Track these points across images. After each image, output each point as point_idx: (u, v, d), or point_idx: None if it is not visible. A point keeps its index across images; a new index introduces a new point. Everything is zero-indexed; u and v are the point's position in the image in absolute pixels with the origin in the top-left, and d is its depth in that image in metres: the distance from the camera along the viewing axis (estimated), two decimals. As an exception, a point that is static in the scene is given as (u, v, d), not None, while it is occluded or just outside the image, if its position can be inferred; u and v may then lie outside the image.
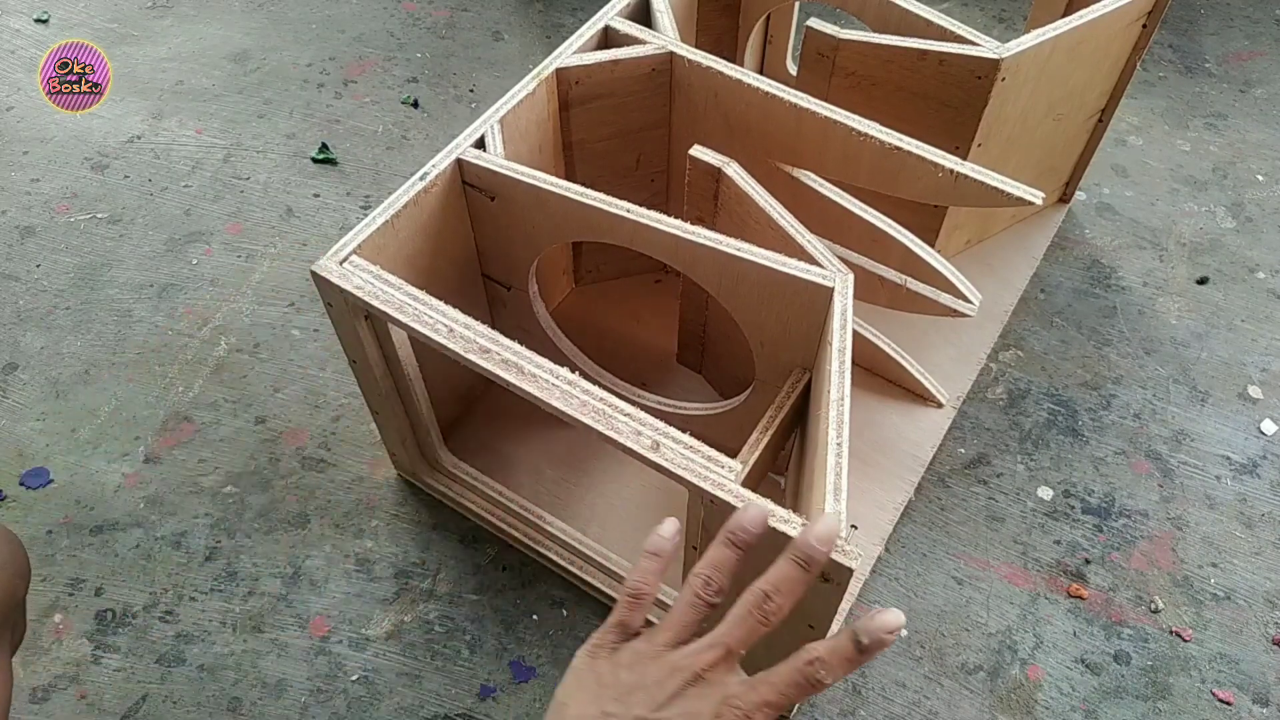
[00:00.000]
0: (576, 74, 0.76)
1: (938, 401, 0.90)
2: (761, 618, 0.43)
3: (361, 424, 0.91)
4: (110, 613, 0.79)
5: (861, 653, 0.41)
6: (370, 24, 1.32)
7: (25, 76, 1.24)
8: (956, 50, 0.79)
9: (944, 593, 0.81)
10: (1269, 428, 0.91)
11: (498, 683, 0.76)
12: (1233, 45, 1.28)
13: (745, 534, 0.44)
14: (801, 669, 0.41)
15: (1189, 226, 1.08)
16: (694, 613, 0.44)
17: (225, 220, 1.08)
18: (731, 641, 0.43)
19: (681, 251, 0.66)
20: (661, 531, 0.45)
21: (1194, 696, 0.76)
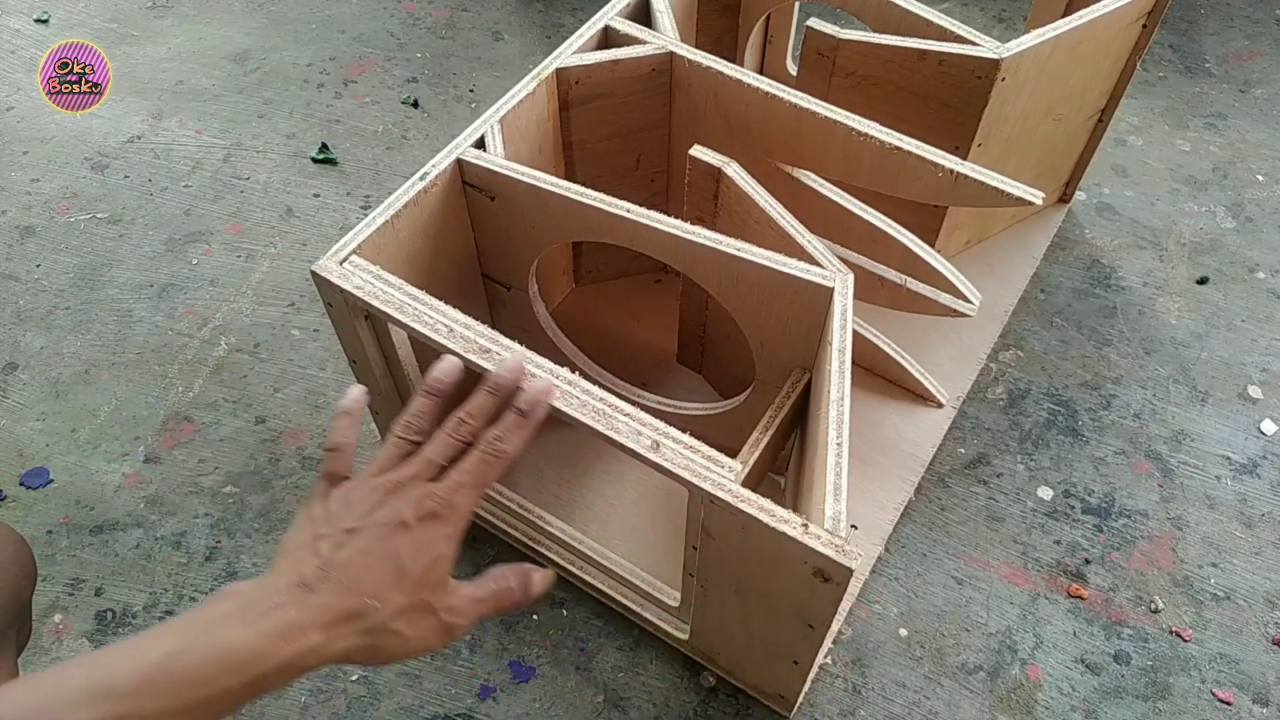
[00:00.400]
0: (576, 74, 0.76)
1: (938, 401, 0.90)
2: (458, 437, 0.48)
3: (361, 424, 0.90)
4: (110, 613, 0.79)
5: (525, 416, 0.48)
6: (370, 24, 1.32)
7: (25, 76, 1.24)
8: (956, 50, 0.79)
9: (944, 593, 0.81)
10: (1269, 428, 0.91)
11: (498, 683, 0.76)
12: (1233, 45, 1.28)
13: (440, 383, 0.50)
14: (481, 449, 0.47)
15: (1189, 226, 1.08)
16: (395, 449, 0.48)
17: (225, 220, 1.08)
18: (431, 455, 0.47)
19: (681, 251, 0.66)
20: (350, 393, 0.51)
21: (1194, 696, 0.76)
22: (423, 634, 0.45)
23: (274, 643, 0.39)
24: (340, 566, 0.43)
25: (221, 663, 0.38)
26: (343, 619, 0.41)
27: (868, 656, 0.77)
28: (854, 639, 0.78)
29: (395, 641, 0.43)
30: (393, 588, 0.44)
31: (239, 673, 0.38)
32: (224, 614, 0.40)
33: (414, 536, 0.46)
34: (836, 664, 0.77)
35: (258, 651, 0.38)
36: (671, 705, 0.74)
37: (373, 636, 0.42)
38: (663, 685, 0.75)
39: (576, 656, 0.77)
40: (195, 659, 0.38)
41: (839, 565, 0.51)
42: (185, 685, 0.37)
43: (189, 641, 0.38)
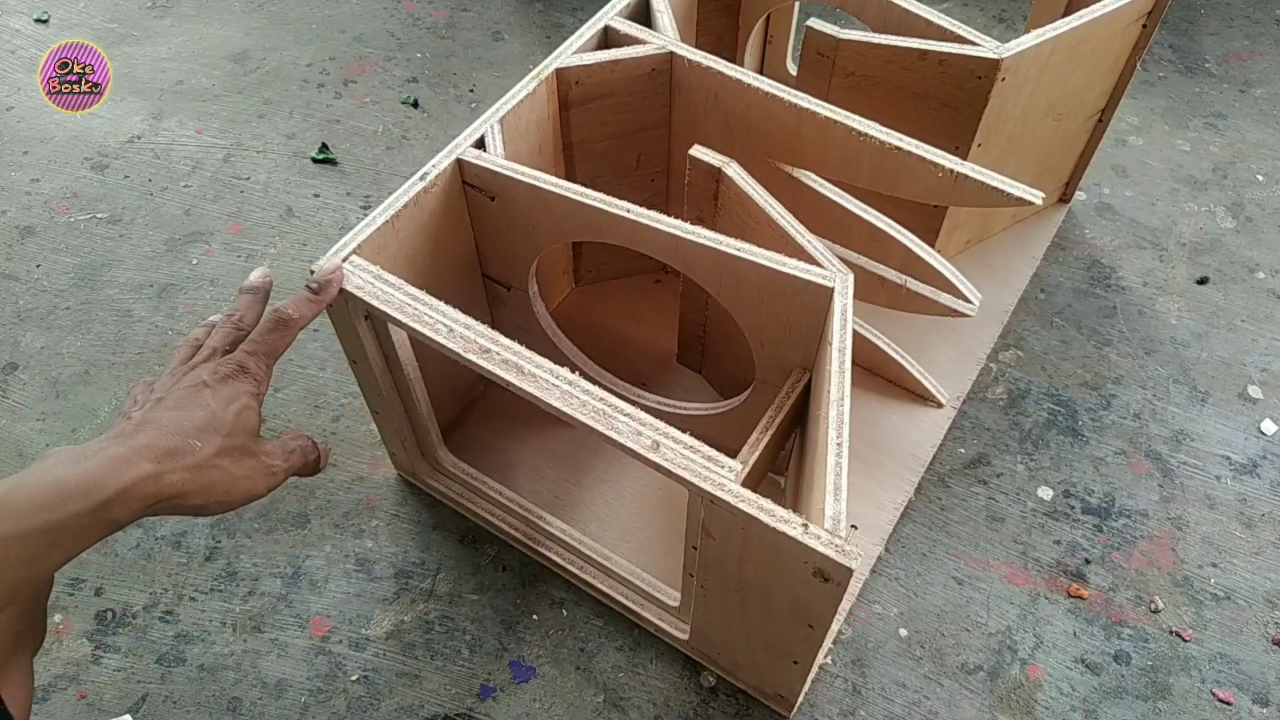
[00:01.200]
0: (576, 74, 0.76)
1: (938, 401, 0.90)
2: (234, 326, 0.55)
3: (361, 424, 0.91)
4: (110, 613, 0.79)
5: (316, 294, 0.58)
6: (370, 24, 1.32)
7: (25, 76, 1.24)
8: (956, 50, 0.79)
9: (944, 593, 0.81)
10: (1269, 428, 0.91)
11: (498, 683, 0.76)
12: (1233, 45, 1.28)
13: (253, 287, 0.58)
14: (270, 316, 0.55)
15: (1189, 226, 1.08)
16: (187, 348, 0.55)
17: (225, 220, 1.08)
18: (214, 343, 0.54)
19: (681, 251, 0.66)
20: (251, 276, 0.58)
21: (1194, 696, 0.76)
22: (247, 473, 0.50)
23: (107, 471, 0.43)
24: (155, 419, 0.48)
25: (61, 489, 0.41)
26: (167, 454, 0.46)
27: (868, 656, 0.77)
28: (854, 639, 0.78)
29: (223, 479, 0.48)
30: (210, 430, 0.49)
31: (80, 498, 0.41)
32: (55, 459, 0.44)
33: (216, 392, 0.51)
34: (836, 664, 0.77)
35: (94, 479, 0.42)
36: (671, 705, 0.74)
37: (200, 473, 0.47)
38: (663, 685, 0.75)
39: (576, 656, 0.77)
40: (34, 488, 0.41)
41: (839, 565, 0.51)
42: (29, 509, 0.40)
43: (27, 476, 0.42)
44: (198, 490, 0.47)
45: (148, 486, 0.44)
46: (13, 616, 0.52)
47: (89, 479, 0.42)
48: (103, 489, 0.42)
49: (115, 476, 0.43)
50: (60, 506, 0.41)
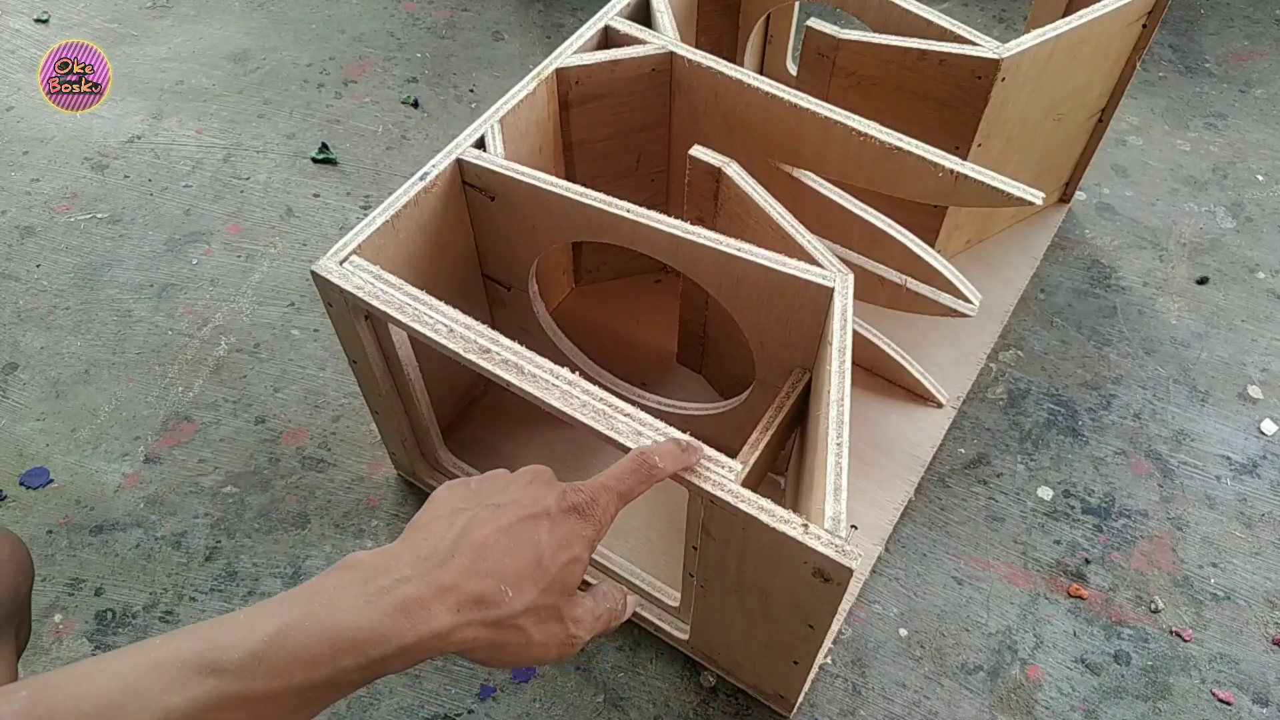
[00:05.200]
0: (576, 74, 0.76)
1: (938, 401, 0.90)
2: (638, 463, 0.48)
3: (361, 424, 0.91)
4: (110, 613, 0.79)
5: (684, 451, 0.53)
6: (370, 24, 1.32)
7: (25, 76, 1.24)
8: (956, 50, 0.79)
9: (944, 593, 0.81)
10: (1269, 428, 0.91)
11: (498, 683, 0.76)
12: (1233, 45, 1.28)
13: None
14: (638, 459, 0.48)
15: (1189, 226, 1.08)
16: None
17: (225, 220, 1.08)
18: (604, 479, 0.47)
19: (681, 251, 0.66)
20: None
21: (1194, 696, 0.76)
22: (545, 640, 0.41)
23: (396, 622, 0.36)
24: (476, 545, 0.40)
25: (337, 642, 0.34)
26: (472, 603, 0.38)
27: (868, 656, 0.77)
28: (854, 639, 0.78)
29: (519, 640, 0.40)
30: (528, 580, 0.40)
31: (355, 654, 0.35)
32: (344, 585, 0.36)
33: (555, 528, 0.42)
34: (836, 664, 0.77)
35: (379, 632, 0.35)
36: (671, 705, 0.74)
37: (499, 631, 0.39)
38: (663, 685, 0.75)
39: (576, 656, 0.77)
40: (310, 636, 0.34)
41: (839, 565, 0.51)
42: (297, 665, 0.34)
43: (304, 615, 0.35)
44: (485, 648, 0.39)
45: (432, 645, 0.37)
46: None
47: (374, 632, 0.35)
48: (384, 645, 0.35)
49: (404, 631, 0.36)
50: (332, 662, 0.34)
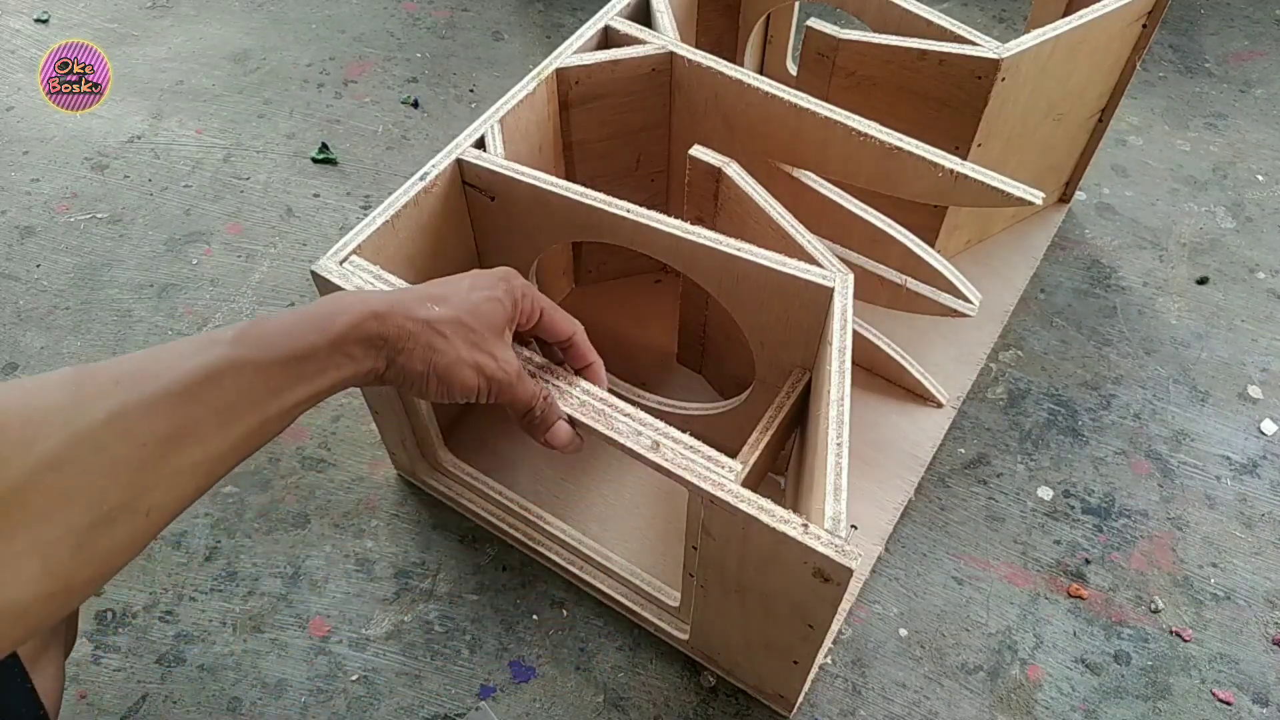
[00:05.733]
0: (576, 74, 0.76)
1: (938, 401, 0.90)
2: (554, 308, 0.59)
3: (361, 424, 0.91)
4: (110, 613, 0.79)
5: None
6: (370, 24, 1.32)
7: (25, 76, 1.24)
8: (956, 50, 0.79)
9: (944, 593, 0.81)
10: (1269, 428, 0.91)
11: (498, 683, 0.76)
12: (1233, 45, 1.28)
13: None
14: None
15: (1189, 226, 1.08)
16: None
17: (225, 220, 1.08)
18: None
19: (681, 251, 0.66)
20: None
21: (1194, 696, 0.76)
22: (472, 361, 0.50)
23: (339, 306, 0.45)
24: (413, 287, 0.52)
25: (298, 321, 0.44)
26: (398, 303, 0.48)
27: (868, 656, 0.77)
28: (854, 639, 0.78)
29: (448, 350, 0.49)
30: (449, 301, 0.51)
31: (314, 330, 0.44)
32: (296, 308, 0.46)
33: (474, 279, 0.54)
34: (836, 664, 0.77)
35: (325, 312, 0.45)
36: (671, 705, 0.74)
37: (426, 330, 0.48)
38: (663, 685, 0.75)
39: (576, 656, 0.77)
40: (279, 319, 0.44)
41: (839, 565, 0.51)
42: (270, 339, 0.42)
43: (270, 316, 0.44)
44: (421, 349, 0.48)
45: (372, 325, 0.46)
46: None
47: (321, 313, 0.45)
48: (334, 321, 0.44)
49: (345, 310, 0.45)
50: (299, 338, 0.43)
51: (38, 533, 0.33)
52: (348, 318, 0.45)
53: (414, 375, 0.49)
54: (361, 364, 0.46)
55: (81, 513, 0.34)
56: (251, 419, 0.41)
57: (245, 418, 0.40)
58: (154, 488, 0.36)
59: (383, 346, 0.47)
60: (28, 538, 0.32)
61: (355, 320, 0.45)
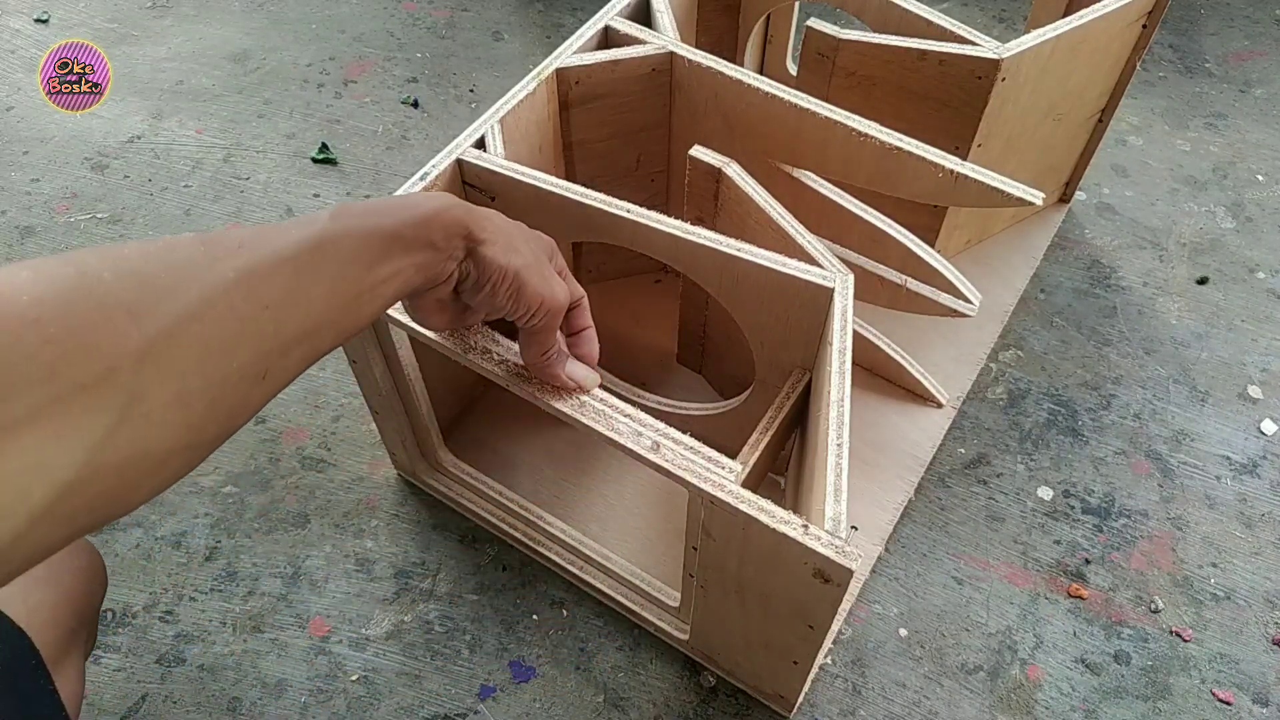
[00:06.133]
0: (576, 74, 0.76)
1: (938, 401, 0.90)
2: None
3: (361, 424, 0.91)
4: (110, 613, 0.79)
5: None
6: (370, 24, 1.32)
7: (25, 76, 1.24)
8: (956, 50, 0.79)
9: (944, 593, 0.81)
10: (1269, 428, 0.91)
11: (498, 683, 0.76)
12: (1233, 45, 1.28)
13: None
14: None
15: (1189, 226, 1.08)
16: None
17: (225, 220, 1.08)
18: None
19: (681, 251, 0.66)
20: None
21: (1194, 696, 0.76)
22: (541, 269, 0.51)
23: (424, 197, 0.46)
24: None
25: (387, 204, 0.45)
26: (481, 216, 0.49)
27: (868, 656, 0.77)
28: (854, 639, 0.78)
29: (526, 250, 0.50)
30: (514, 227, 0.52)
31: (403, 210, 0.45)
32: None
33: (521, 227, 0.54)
34: (836, 664, 0.77)
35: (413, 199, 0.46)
36: (671, 705, 0.74)
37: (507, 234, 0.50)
38: (663, 685, 0.75)
39: (576, 656, 0.77)
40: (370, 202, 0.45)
41: (839, 566, 0.51)
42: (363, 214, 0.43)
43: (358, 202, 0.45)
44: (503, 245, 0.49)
45: (459, 213, 0.47)
46: (68, 614, 0.54)
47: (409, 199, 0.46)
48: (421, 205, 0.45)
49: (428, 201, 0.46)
50: (390, 216, 0.44)
51: (183, 382, 0.33)
52: (436, 203, 0.46)
53: (493, 269, 0.49)
54: (443, 250, 0.47)
55: (216, 367, 0.35)
56: (349, 290, 0.41)
57: (345, 289, 0.41)
58: (272, 351, 0.37)
59: (466, 235, 0.47)
60: (175, 386, 0.33)
61: (443, 205, 0.46)
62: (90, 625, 0.60)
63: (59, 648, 0.53)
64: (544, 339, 0.55)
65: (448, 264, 0.47)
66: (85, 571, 0.58)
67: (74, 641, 0.55)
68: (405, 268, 0.44)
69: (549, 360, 0.56)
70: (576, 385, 0.58)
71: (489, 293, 0.50)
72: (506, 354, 0.60)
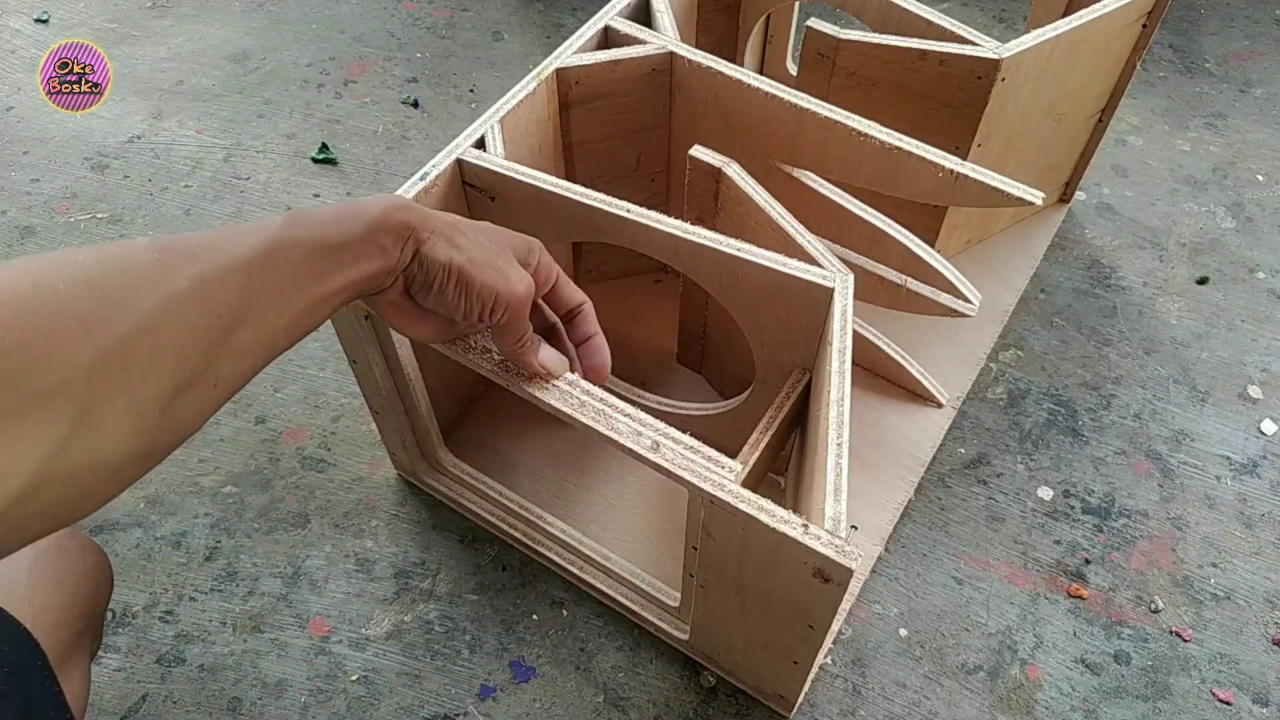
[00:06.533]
0: (576, 74, 0.76)
1: (938, 401, 0.90)
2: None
3: (361, 424, 0.91)
4: (110, 613, 0.79)
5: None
6: (370, 24, 1.32)
7: (25, 76, 1.24)
8: (956, 50, 0.79)
9: (944, 593, 0.81)
10: (1269, 428, 0.91)
11: (498, 683, 0.76)
12: (1233, 45, 1.28)
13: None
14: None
15: (1189, 226, 1.08)
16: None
17: (225, 220, 1.08)
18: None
19: (681, 251, 0.66)
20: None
21: (1194, 696, 0.76)
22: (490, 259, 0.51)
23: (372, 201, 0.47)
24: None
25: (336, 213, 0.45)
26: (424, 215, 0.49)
27: (868, 656, 0.77)
28: (854, 639, 0.78)
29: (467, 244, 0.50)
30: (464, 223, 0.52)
31: (352, 219, 0.45)
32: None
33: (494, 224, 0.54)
34: (836, 664, 0.77)
35: (360, 205, 0.46)
36: (671, 705, 0.74)
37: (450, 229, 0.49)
38: (663, 685, 0.75)
39: (576, 656, 0.77)
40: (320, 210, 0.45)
41: (839, 566, 0.51)
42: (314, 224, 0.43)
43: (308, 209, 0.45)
44: (444, 241, 0.49)
45: (400, 215, 0.47)
46: (74, 616, 0.55)
47: (356, 206, 0.46)
48: (368, 211, 0.46)
49: (376, 204, 0.46)
50: (337, 225, 0.44)
51: (135, 392, 0.34)
52: (379, 207, 0.46)
53: (436, 266, 0.49)
54: (390, 255, 0.47)
55: (169, 376, 0.35)
56: (300, 300, 0.42)
57: (295, 298, 0.42)
58: (224, 358, 0.38)
59: (409, 236, 0.48)
60: (127, 396, 0.33)
61: (386, 208, 0.46)
62: (95, 627, 0.60)
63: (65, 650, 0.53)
64: (512, 330, 0.55)
65: (395, 266, 0.48)
66: (91, 574, 0.59)
67: (79, 643, 0.56)
68: (353, 276, 0.45)
69: (522, 349, 0.56)
70: (546, 372, 0.58)
71: (438, 292, 0.50)
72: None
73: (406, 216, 0.47)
